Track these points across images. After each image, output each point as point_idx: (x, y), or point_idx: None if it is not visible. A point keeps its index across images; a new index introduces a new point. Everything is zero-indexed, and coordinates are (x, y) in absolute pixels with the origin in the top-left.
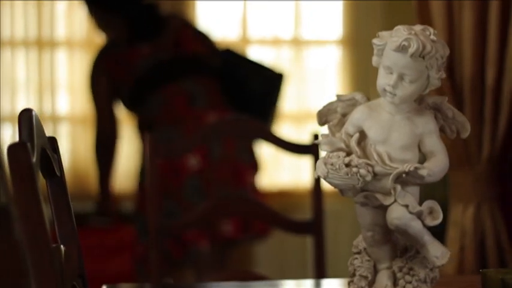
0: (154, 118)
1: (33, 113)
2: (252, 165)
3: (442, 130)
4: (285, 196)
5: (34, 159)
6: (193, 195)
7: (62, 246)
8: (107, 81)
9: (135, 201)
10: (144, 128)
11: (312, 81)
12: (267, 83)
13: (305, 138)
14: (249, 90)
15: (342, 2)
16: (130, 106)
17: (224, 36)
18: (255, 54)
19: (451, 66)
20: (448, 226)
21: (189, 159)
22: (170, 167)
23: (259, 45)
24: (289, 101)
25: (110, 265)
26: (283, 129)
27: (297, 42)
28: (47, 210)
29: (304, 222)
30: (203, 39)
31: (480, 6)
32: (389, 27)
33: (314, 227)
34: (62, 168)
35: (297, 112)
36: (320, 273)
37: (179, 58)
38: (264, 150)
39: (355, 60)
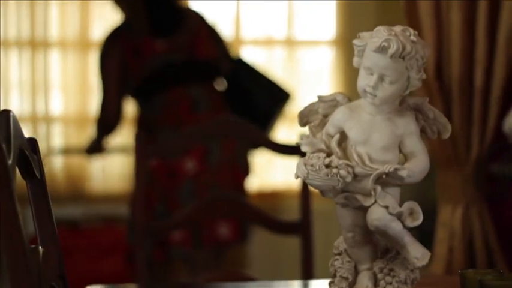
0: (155, 119)
1: (11, 113)
2: (246, 170)
3: (423, 131)
4: (277, 197)
5: (10, 161)
6: (188, 199)
7: (40, 247)
8: (119, 64)
9: (130, 203)
10: (143, 128)
11: (305, 82)
12: (272, 100)
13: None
14: (253, 103)
15: (335, 3)
16: (136, 100)
17: None
18: (248, 54)
19: (440, 67)
20: (437, 227)
21: (186, 163)
22: (167, 169)
23: (252, 46)
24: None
25: (104, 265)
26: (276, 129)
27: (290, 43)
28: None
29: (291, 223)
30: (217, 41)
31: (468, 7)
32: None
33: (302, 228)
34: (42, 169)
35: (290, 113)
36: (308, 274)
37: (192, 62)
38: (256, 152)
39: (348, 61)
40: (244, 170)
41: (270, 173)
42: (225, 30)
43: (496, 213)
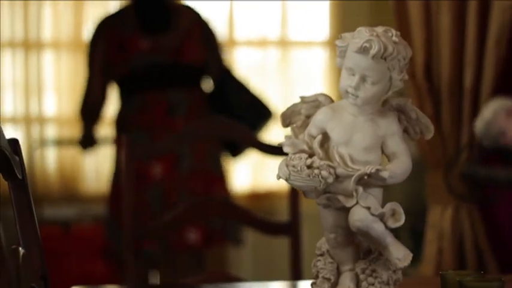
0: (130, 119)
1: None
2: (220, 176)
3: (405, 131)
4: (270, 198)
5: None
6: (157, 204)
7: (20, 248)
8: (103, 55)
9: (108, 201)
10: (118, 126)
11: (298, 82)
12: (255, 116)
13: None
14: (236, 117)
15: (328, 3)
16: (117, 95)
17: None
18: (242, 55)
19: (429, 68)
20: (427, 228)
21: (154, 167)
22: (136, 171)
23: (246, 46)
24: (275, 101)
25: (97, 266)
26: (270, 130)
27: (283, 43)
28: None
29: (280, 223)
30: (210, 46)
31: (458, 7)
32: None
33: (290, 229)
34: (24, 170)
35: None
36: (296, 275)
37: (176, 66)
38: (249, 152)
39: None
40: (217, 176)
41: (262, 173)
42: (219, 31)
43: (485, 215)
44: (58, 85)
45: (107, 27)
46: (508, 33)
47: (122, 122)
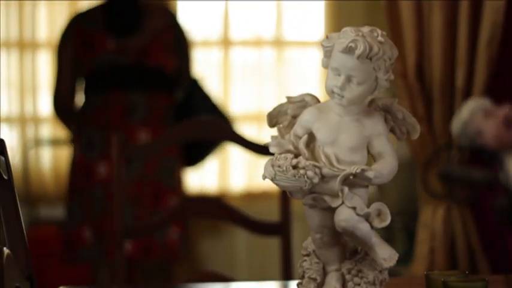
0: (89, 117)
1: None
2: (172, 188)
3: (392, 132)
4: (264, 198)
5: None
6: (99, 203)
7: (5, 248)
8: (71, 51)
9: (66, 190)
10: (78, 124)
11: (293, 82)
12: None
13: None
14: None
15: (323, 3)
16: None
17: (206, 38)
18: (237, 55)
19: (421, 68)
20: (418, 228)
21: (99, 166)
22: (84, 168)
23: (241, 46)
24: (271, 101)
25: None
26: (266, 130)
27: (278, 43)
28: None
29: (271, 224)
30: (180, 52)
31: (450, 7)
32: (373, 26)
33: (281, 229)
34: (10, 170)
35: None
36: (287, 275)
37: (141, 69)
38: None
39: None
40: (169, 188)
41: (257, 174)
42: (214, 31)
43: (477, 215)
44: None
45: (77, 24)
46: (500, 34)
47: (81, 119)
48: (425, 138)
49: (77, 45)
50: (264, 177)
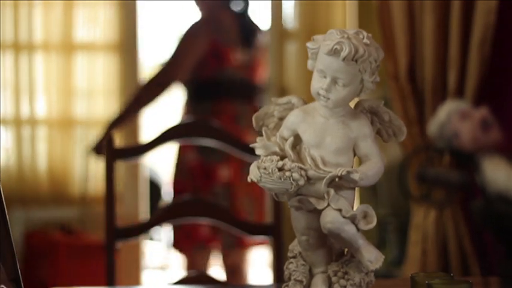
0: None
1: None
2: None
3: (378, 134)
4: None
5: None
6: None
7: None
8: (198, 48)
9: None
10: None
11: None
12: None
13: None
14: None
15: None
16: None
17: None
18: None
19: (412, 69)
20: (410, 229)
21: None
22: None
23: None
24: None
25: (92, 267)
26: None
27: None
28: None
29: (263, 225)
30: (248, 62)
31: (441, 8)
32: (366, 28)
33: (273, 230)
34: None
35: None
36: (279, 277)
37: (251, 83)
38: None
39: None
40: None
41: None
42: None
43: (470, 217)
44: (48, 87)
45: (208, 28)
46: (492, 35)
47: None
48: (416, 139)
49: (205, 47)
50: (250, 179)
